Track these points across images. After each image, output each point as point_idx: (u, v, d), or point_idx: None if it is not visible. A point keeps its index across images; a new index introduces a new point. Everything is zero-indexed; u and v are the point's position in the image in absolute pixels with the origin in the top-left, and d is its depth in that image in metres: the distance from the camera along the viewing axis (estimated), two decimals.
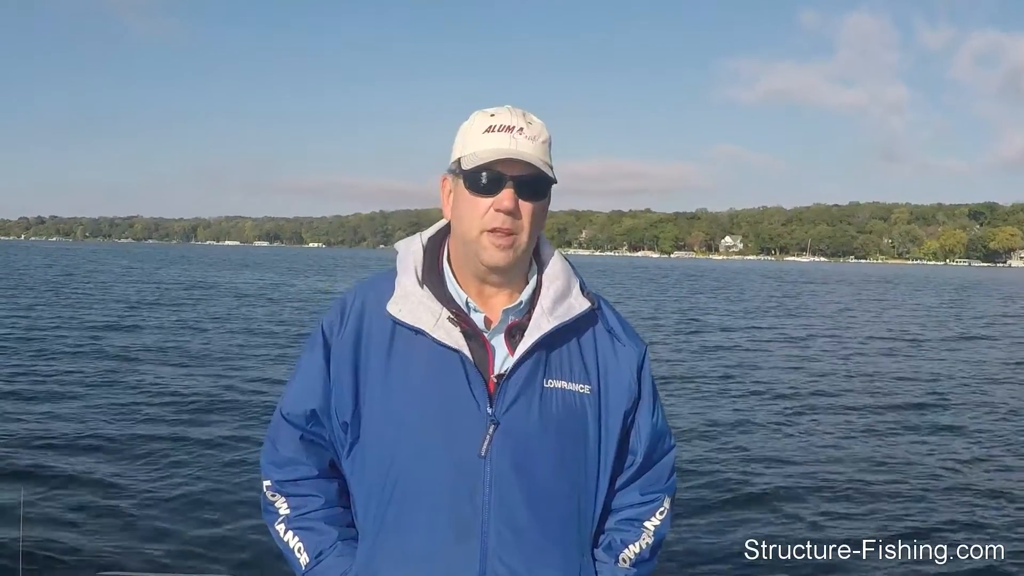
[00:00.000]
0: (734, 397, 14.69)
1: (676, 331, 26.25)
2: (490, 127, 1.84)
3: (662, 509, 2.04)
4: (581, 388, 1.90)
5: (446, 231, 1.99)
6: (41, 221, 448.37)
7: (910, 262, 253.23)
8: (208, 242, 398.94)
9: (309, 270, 76.90)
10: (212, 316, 27.45)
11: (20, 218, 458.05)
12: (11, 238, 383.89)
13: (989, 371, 18.57)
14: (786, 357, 20.89)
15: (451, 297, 1.89)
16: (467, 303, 1.89)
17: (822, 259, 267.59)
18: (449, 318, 1.84)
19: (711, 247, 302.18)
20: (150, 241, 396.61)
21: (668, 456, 2.08)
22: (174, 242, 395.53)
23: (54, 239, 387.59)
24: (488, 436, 1.79)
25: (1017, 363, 20.00)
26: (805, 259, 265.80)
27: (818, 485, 9.04)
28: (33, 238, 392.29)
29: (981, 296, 56.62)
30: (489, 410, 1.81)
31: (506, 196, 1.81)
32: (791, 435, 11.64)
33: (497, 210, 1.81)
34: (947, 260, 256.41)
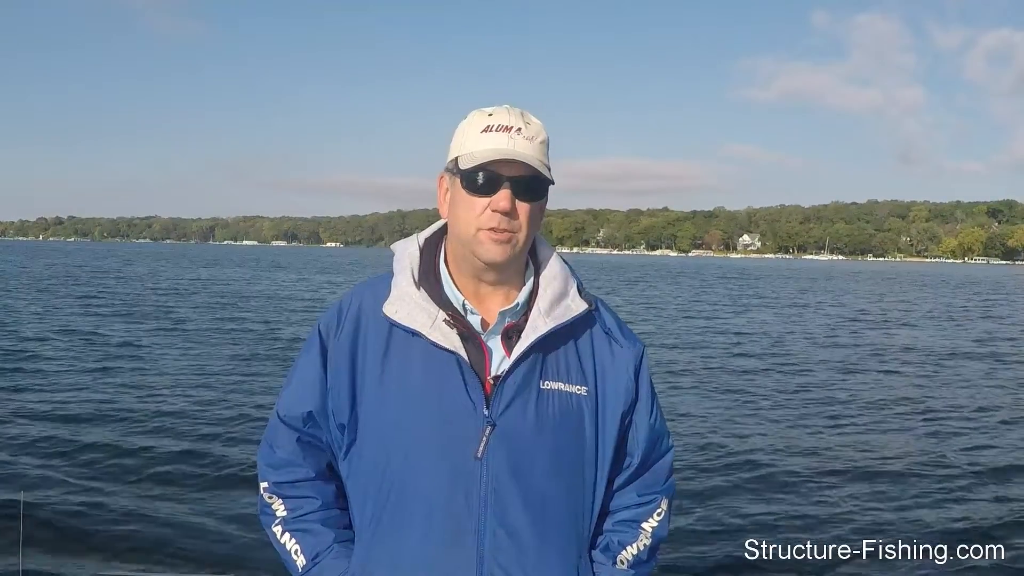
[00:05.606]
0: (736, 398, 14.65)
1: (677, 329, 26.24)
2: (488, 127, 1.82)
3: (660, 510, 2.03)
4: (578, 389, 1.89)
5: (443, 232, 1.99)
6: (59, 222, 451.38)
7: (928, 260, 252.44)
8: (226, 242, 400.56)
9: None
10: (219, 317, 27.51)
11: (39, 218, 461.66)
12: (30, 238, 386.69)
13: (998, 377, 18.43)
14: (791, 358, 20.81)
15: (447, 299, 1.88)
16: (464, 305, 1.88)
17: (840, 257, 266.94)
18: (445, 320, 1.83)
19: (729, 246, 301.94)
20: (168, 241, 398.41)
21: (666, 457, 2.07)
22: (192, 242, 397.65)
23: (72, 239, 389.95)
24: (484, 438, 1.78)
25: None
26: (823, 257, 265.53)
27: (818, 485, 8.99)
28: (52, 238, 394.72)
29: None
30: (485, 412, 1.80)
31: (503, 196, 1.79)
32: (791, 435, 11.59)
33: (494, 210, 1.80)
34: (965, 258, 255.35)
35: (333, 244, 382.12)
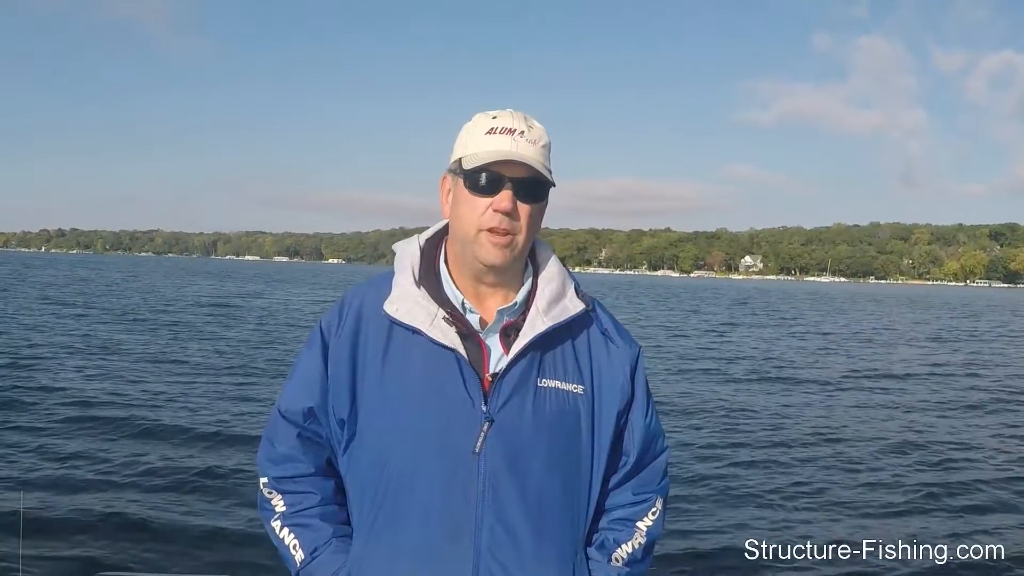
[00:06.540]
0: (736, 402, 14.66)
1: (674, 338, 26.26)
2: (491, 129, 1.86)
3: (655, 510, 2.05)
4: (574, 388, 1.91)
5: (443, 233, 2.02)
6: (62, 234, 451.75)
7: (930, 283, 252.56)
8: (228, 257, 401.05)
9: None
10: (220, 325, 27.58)
11: (41, 230, 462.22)
12: (32, 250, 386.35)
13: (996, 387, 18.43)
14: (793, 363, 20.86)
15: (447, 298, 1.91)
16: (463, 304, 1.91)
17: (842, 279, 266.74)
18: (444, 318, 1.86)
19: (731, 267, 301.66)
20: (170, 255, 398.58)
21: (661, 457, 2.09)
22: (195, 256, 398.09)
23: (74, 252, 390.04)
24: (482, 433, 1.81)
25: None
26: (825, 279, 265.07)
27: (818, 485, 9.03)
28: (54, 250, 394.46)
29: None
30: (484, 408, 1.82)
31: (505, 197, 1.83)
32: (791, 435, 11.62)
33: (495, 210, 1.83)
34: (967, 281, 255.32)
35: (335, 261, 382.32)
